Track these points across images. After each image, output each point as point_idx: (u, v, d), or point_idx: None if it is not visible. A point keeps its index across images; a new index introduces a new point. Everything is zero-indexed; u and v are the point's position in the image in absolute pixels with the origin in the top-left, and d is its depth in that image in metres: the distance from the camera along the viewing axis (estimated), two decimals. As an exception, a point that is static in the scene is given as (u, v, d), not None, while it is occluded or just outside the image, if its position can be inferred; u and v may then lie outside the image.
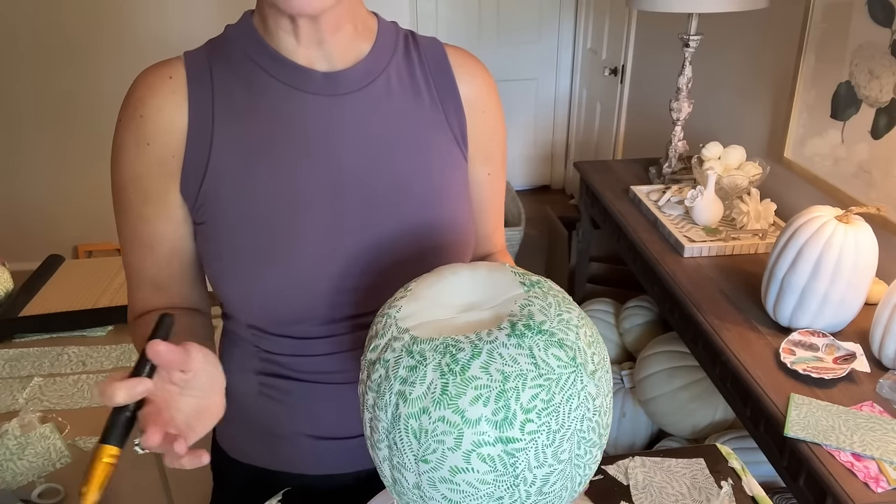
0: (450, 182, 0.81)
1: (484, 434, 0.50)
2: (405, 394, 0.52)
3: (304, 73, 0.75)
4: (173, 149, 0.74)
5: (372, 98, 0.78)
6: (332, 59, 0.76)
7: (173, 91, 0.74)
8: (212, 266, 0.78)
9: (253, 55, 0.76)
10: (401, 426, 0.52)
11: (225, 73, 0.76)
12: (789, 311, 1.32)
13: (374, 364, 0.56)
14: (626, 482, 0.93)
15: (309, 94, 0.76)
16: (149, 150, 0.74)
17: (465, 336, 0.54)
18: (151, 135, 0.74)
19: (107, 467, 0.54)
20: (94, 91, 2.99)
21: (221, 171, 0.74)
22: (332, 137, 0.76)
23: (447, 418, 0.51)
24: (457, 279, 0.61)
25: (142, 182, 0.75)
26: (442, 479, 0.52)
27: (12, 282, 1.66)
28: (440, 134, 0.81)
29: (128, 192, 0.76)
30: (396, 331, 0.56)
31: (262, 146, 0.75)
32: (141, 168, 0.75)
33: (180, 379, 0.60)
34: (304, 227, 0.74)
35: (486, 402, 0.50)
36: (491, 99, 0.86)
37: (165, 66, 0.76)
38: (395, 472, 0.55)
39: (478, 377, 0.51)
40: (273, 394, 0.84)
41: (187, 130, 0.74)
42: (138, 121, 0.73)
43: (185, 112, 0.74)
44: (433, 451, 0.51)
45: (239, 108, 0.75)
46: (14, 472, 1.07)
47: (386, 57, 0.80)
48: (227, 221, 0.75)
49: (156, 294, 0.81)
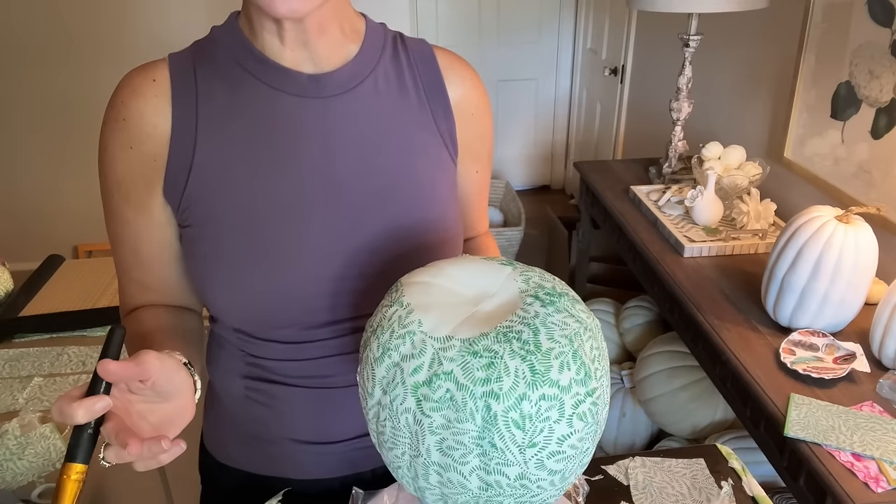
0: (437, 183, 0.81)
1: (577, 395, 0.54)
2: (494, 391, 0.53)
3: (289, 75, 0.74)
4: (155, 152, 0.74)
5: (359, 100, 0.77)
6: (319, 61, 0.75)
7: (156, 94, 0.73)
8: (197, 269, 0.77)
9: (238, 57, 0.75)
10: (499, 424, 0.53)
11: (209, 75, 0.75)
12: (789, 311, 1.32)
13: (430, 384, 0.54)
14: (627, 482, 0.93)
15: (294, 96, 0.75)
16: (131, 153, 0.74)
17: (509, 321, 0.56)
18: (134, 138, 0.73)
19: (75, 485, 0.56)
20: (94, 91, 2.98)
21: (205, 174, 0.73)
22: (317, 140, 0.75)
23: (547, 394, 0.53)
24: (449, 278, 0.62)
25: (125, 185, 0.75)
26: (550, 454, 0.54)
27: (12, 282, 1.66)
28: (428, 135, 0.81)
29: (112, 195, 0.77)
30: (438, 343, 0.56)
31: (246, 149, 0.74)
32: (124, 171, 0.75)
33: (138, 388, 0.60)
34: (290, 231, 0.74)
35: (569, 367, 0.54)
36: (480, 101, 0.85)
37: (149, 68, 0.75)
38: (490, 476, 0.55)
39: (552, 348, 0.54)
40: (259, 398, 0.83)
41: (170, 134, 0.73)
42: (121, 124, 0.73)
43: (169, 115, 0.73)
44: (540, 432, 0.53)
45: (223, 110, 0.74)
46: (14, 472, 1.07)
47: (374, 59, 0.79)
48: (212, 225, 0.74)
49: (144, 292, 0.82)
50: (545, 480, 0.56)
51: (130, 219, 0.77)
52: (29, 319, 1.51)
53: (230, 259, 0.74)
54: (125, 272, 0.81)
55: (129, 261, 0.80)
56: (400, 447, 0.57)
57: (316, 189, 0.75)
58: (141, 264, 0.80)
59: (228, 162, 0.74)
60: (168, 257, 0.79)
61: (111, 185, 0.76)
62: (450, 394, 0.53)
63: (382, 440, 0.59)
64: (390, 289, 0.63)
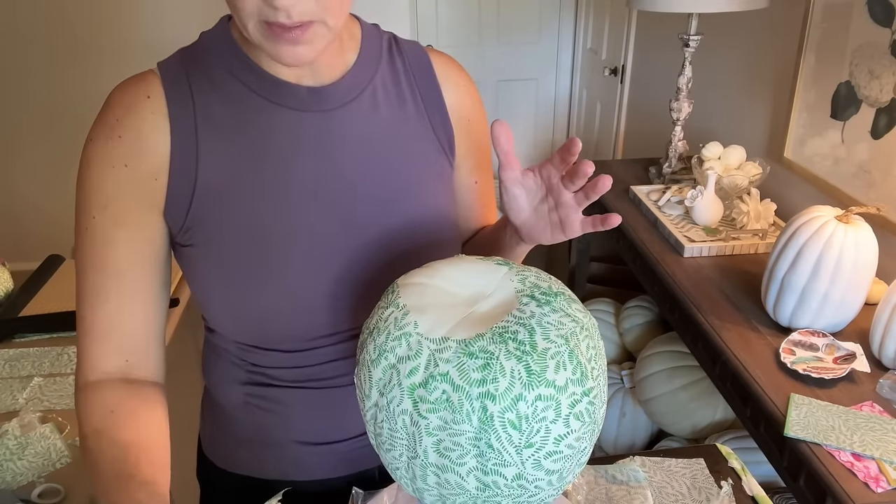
0: (437, 191, 0.81)
1: (574, 394, 0.54)
2: (490, 392, 0.53)
3: (288, 89, 0.73)
4: (155, 171, 0.71)
5: (359, 112, 0.76)
6: (319, 74, 0.74)
7: (152, 111, 0.70)
8: (202, 287, 0.76)
9: (233, 70, 0.73)
10: (495, 425, 0.53)
11: (205, 89, 0.72)
12: (789, 311, 1.32)
13: (426, 386, 0.54)
14: (627, 482, 0.92)
15: (294, 110, 0.73)
16: (126, 170, 0.70)
17: (504, 321, 0.56)
18: (129, 156, 0.70)
19: None
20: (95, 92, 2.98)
21: (210, 193, 0.72)
22: (318, 154, 0.74)
23: (542, 394, 0.53)
24: (445, 279, 0.62)
25: (114, 204, 0.71)
26: (547, 455, 0.54)
27: (12, 282, 1.65)
28: (426, 144, 0.80)
29: (93, 216, 0.71)
30: (434, 344, 0.55)
31: (248, 165, 0.72)
32: (113, 189, 0.70)
33: None
34: (294, 249, 0.73)
35: (565, 367, 0.54)
36: (475, 106, 0.85)
37: (140, 83, 0.72)
38: (487, 477, 0.55)
39: (548, 348, 0.54)
40: (261, 403, 0.83)
41: (170, 153, 0.71)
42: (115, 141, 0.70)
43: (167, 133, 0.71)
44: (537, 432, 0.53)
45: (223, 126, 0.72)
46: (14, 472, 1.07)
47: (372, 68, 0.78)
48: (216, 245, 0.73)
49: (110, 350, 0.74)
50: (543, 480, 0.56)
51: (122, 240, 0.72)
52: (29, 319, 1.51)
53: (240, 276, 0.73)
54: (96, 320, 0.74)
55: (106, 294, 0.73)
56: (397, 449, 0.57)
57: (318, 204, 0.74)
58: (121, 294, 0.73)
59: (232, 179, 0.72)
60: (157, 278, 0.75)
61: (94, 206, 0.71)
62: (446, 395, 0.53)
63: (380, 442, 0.59)
64: (386, 290, 0.63)
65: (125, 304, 0.74)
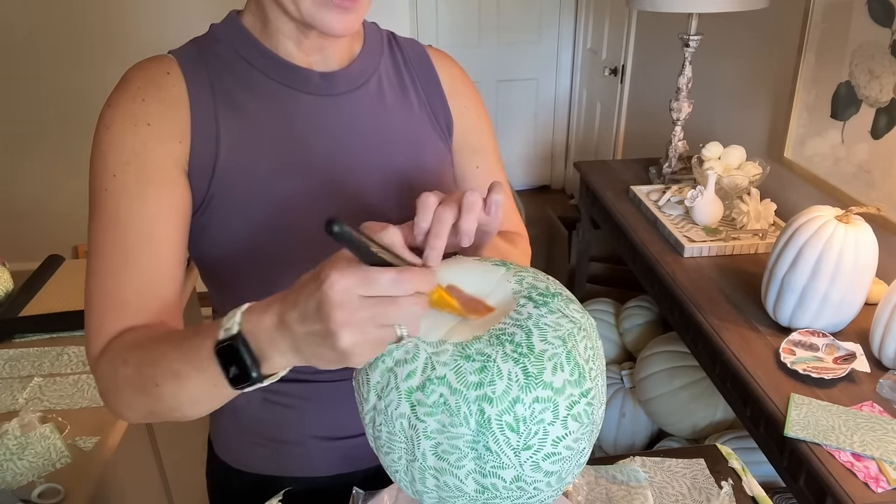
0: (441, 175, 0.84)
1: (572, 396, 0.54)
2: (488, 395, 0.52)
3: (302, 73, 0.76)
4: (178, 135, 0.70)
5: (367, 97, 0.80)
6: (329, 61, 0.78)
7: (173, 85, 0.72)
8: (215, 270, 0.77)
9: (248, 56, 0.75)
10: (493, 427, 0.52)
11: (221, 72, 0.75)
12: (789, 311, 1.32)
13: (423, 389, 0.54)
14: (627, 482, 0.92)
15: (310, 94, 0.77)
16: (149, 129, 0.69)
17: (501, 323, 0.56)
18: (153, 117, 0.69)
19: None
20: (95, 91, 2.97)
21: (230, 173, 0.73)
22: (333, 136, 0.77)
23: (540, 396, 0.53)
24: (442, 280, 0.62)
25: (139, 160, 0.68)
26: (546, 456, 0.54)
27: (12, 282, 1.65)
28: (429, 130, 0.84)
29: (115, 176, 0.68)
30: (430, 347, 0.55)
31: (265, 147, 0.74)
32: (137, 145, 0.68)
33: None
34: (310, 229, 0.73)
35: (562, 368, 0.54)
36: (472, 94, 0.89)
37: (157, 62, 0.73)
38: (486, 479, 0.55)
39: (545, 349, 0.54)
40: (279, 399, 0.83)
41: (191, 130, 0.71)
42: (139, 103, 0.69)
43: (187, 110, 0.71)
44: (535, 434, 0.53)
45: (240, 108, 0.74)
46: (14, 472, 1.07)
47: (376, 57, 0.82)
48: (236, 224, 0.73)
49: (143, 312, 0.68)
50: (542, 482, 0.56)
51: (149, 195, 0.68)
52: (29, 319, 1.51)
53: (256, 260, 0.74)
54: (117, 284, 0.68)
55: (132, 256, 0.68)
56: (396, 452, 0.57)
57: (335, 186, 0.76)
58: (149, 254, 0.68)
59: (250, 160, 0.73)
60: (182, 246, 0.72)
61: (114, 165, 0.68)
62: (443, 398, 0.53)
63: (379, 445, 0.59)
64: None
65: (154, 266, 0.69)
